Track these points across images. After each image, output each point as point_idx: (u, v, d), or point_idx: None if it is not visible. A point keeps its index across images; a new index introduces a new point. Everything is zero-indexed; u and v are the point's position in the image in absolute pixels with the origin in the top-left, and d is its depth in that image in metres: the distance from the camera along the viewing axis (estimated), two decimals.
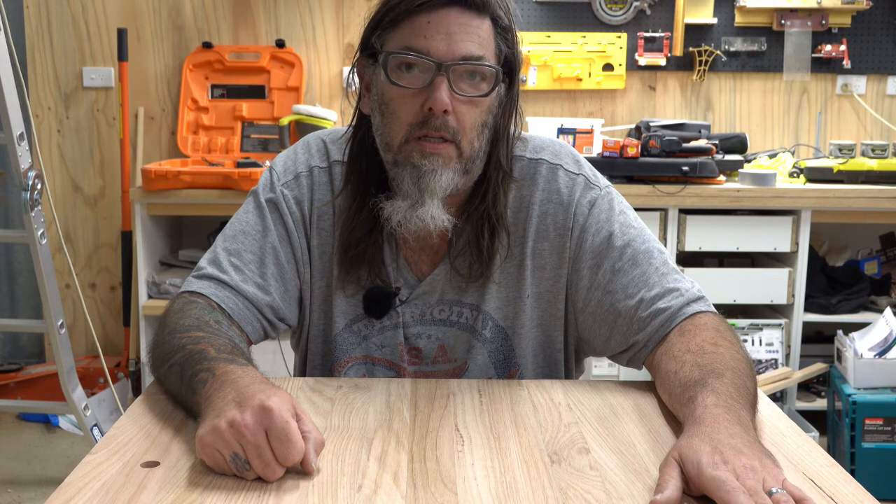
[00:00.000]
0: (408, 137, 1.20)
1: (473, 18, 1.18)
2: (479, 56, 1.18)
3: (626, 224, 1.29)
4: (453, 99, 1.18)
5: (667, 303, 1.22)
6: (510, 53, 1.22)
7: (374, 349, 1.33)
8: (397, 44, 1.19)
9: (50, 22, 3.51)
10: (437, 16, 1.17)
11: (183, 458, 0.97)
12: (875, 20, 3.52)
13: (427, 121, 1.18)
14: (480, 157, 1.24)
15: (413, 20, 1.18)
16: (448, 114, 1.17)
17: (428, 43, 1.17)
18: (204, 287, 1.25)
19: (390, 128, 1.21)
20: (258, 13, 3.54)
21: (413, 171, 1.20)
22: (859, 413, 2.81)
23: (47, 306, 2.51)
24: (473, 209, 1.27)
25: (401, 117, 1.20)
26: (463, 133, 1.19)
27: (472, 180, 1.26)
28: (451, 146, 1.19)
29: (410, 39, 1.18)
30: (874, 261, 3.41)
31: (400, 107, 1.20)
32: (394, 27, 1.20)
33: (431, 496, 0.89)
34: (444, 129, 1.18)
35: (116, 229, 3.56)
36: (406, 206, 1.21)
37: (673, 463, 0.89)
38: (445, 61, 1.17)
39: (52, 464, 3.01)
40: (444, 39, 1.17)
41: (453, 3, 1.17)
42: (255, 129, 3.51)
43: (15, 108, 2.40)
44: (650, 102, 3.61)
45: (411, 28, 1.18)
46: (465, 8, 1.18)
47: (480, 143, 1.22)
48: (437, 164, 1.19)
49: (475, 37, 1.18)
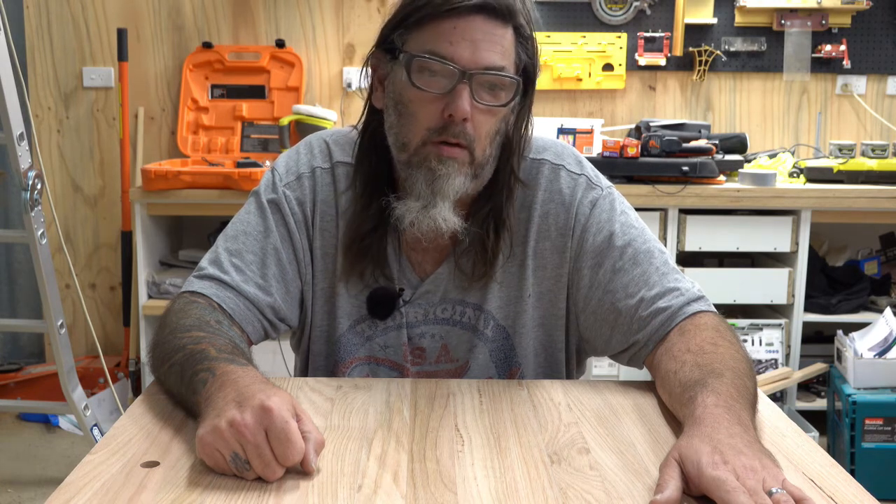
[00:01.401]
0: (425, 141, 1.20)
1: (498, 27, 1.18)
2: (501, 66, 1.18)
3: (627, 224, 1.29)
4: (473, 107, 1.18)
5: (667, 302, 1.22)
6: (529, 63, 1.22)
7: (378, 350, 1.33)
8: (421, 46, 1.18)
9: (50, 22, 3.51)
10: (464, 22, 1.16)
11: (183, 458, 0.97)
12: (875, 20, 3.52)
13: (446, 127, 1.18)
14: (490, 163, 1.24)
15: (439, 24, 1.17)
16: (467, 121, 1.18)
17: (453, 49, 1.16)
18: (205, 287, 1.25)
19: (408, 128, 1.21)
20: (258, 13, 3.54)
21: (428, 173, 1.20)
22: (859, 413, 2.81)
23: (47, 306, 2.51)
24: (480, 210, 1.27)
25: (420, 120, 1.20)
26: (478, 140, 1.20)
27: (482, 184, 1.26)
28: (466, 152, 1.20)
29: (435, 43, 1.17)
30: (874, 261, 3.41)
31: (419, 109, 1.19)
32: (418, 28, 1.19)
33: (431, 496, 0.89)
34: (463, 136, 1.18)
35: (116, 229, 3.56)
36: (418, 206, 1.22)
37: (673, 463, 0.90)
38: (469, 69, 1.16)
39: (52, 464, 3.01)
40: (469, 47, 1.16)
41: (480, 10, 1.17)
42: (255, 129, 3.51)
43: (15, 108, 2.40)
44: (650, 102, 3.61)
45: (437, 32, 1.17)
46: (491, 16, 1.17)
47: (492, 149, 1.23)
48: (452, 169, 1.19)
49: (499, 46, 1.18)
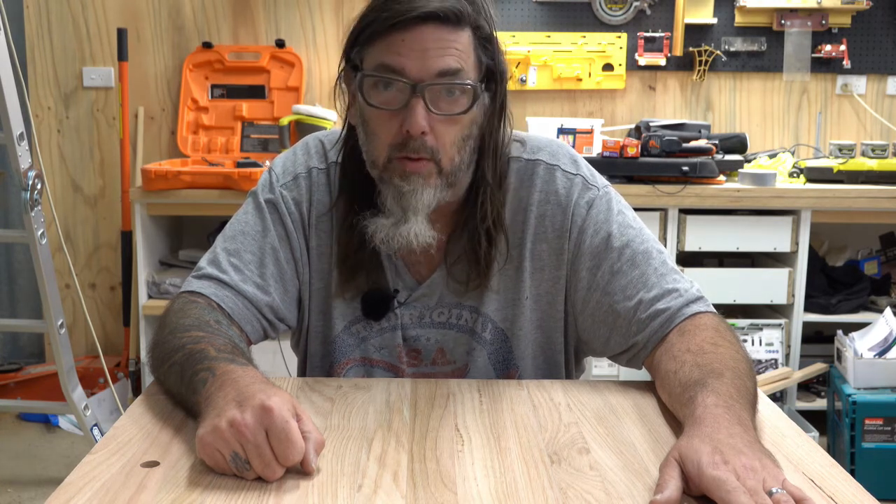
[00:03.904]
0: (390, 157, 1.18)
1: (450, 32, 1.15)
2: (456, 70, 1.15)
3: (625, 224, 1.29)
4: (431, 118, 1.16)
5: (666, 304, 1.22)
6: (492, 63, 1.20)
7: (373, 351, 1.33)
8: (372, 62, 1.17)
9: (50, 22, 3.51)
10: (412, 33, 1.14)
11: (183, 457, 0.97)
12: (875, 20, 3.52)
13: (406, 142, 1.16)
14: (465, 170, 1.22)
15: (388, 38, 1.15)
16: (426, 134, 1.16)
17: (402, 61, 1.14)
18: (204, 287, 1.25)
19: (373, 146, 1.20)
20: (258, 13, 3.54)
21: (394, 190, 1.19)
22: (859, 413, 2.81)
23: (47, 306, 2.51)
24: (467, 218, 1.26)
25: (381, 137, 1.18)
26: (443, 150, 1.18)
27: (462, 191, 1.25)
28: (431, 163, 1.18)
29: (385, 57, 1.15)
30: (874, 261, 3.41)
31: (379, 127, 1.18)
32: (370, 44, 1.17)
33: (431, 496, 0.89)
34: (423, 150, 1.16)
35: (116, 229, 3.56)
36: (389, 223, 1.21)
37: (673, 463, 0.89)
38: (421, 81, 1.14)
39: (52, 464, 3.01)
40: (418, 57, 1.14)
41: (429, 19, 1.14)
42: (255, 129, 3.51)
43: (15, 108, 2.40)
44: (650, 102, 3.61)
45: (386, 46, 1.15)
46: (441, 23, 1.14)
47: (462, 156, 1.20)
48: (418, 184, 1.18)
49: (452, 51, 1.15)
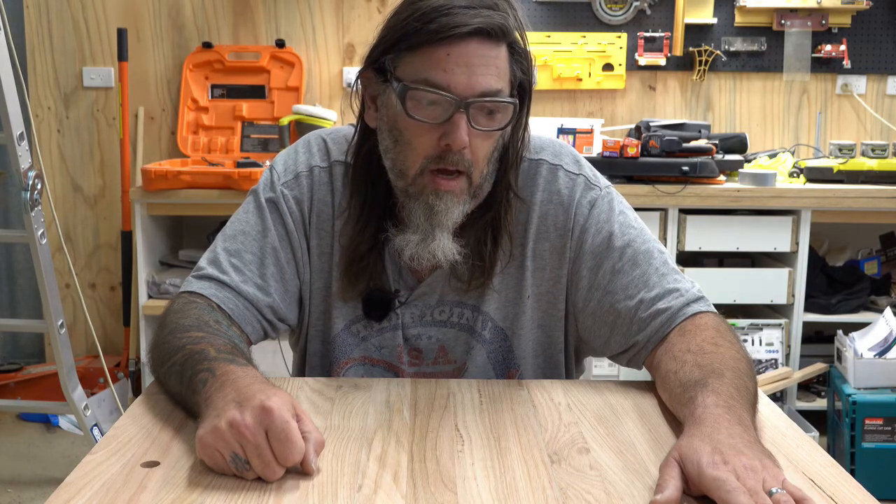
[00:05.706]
0: (423, 169, 1.18)
1: (492, 48, 1.15)
2: (497, 90, 1.15)
3: (626, 224, 1.29)
4: (470, 134, 1.16)
5: (667, 303, 1.22)
6: (524, 78, 1.20)
7: (373, 350, 1.33)
8: (415, 73, 1.15)
9: (50, 22, 3.50)
10: (458, 48, 1.13)
11: (183, 458, 0.97)
12: (875, 20, 3.52)
13: (444, 155, 1.16)
14: (488, 181, 1.23)
15: (432, 51, 1.14)
16: (465, 149, 1.16)
17: (448, 77, 1.13)
18: (204, 287, 1.25)
19: (404, 156, 1.19)
20: (258, 13, 3.54)
21: (426, 208, 1.19)
22: (859, 413, 2.81)
23: (47, 306, 2.51)
24: (477, 220, 1.26)
25: (416, 149, 1.18)
26: (476, 164, 1.18)
27: (481, 200, 1.25)
28: (464, 178, 1.18)
29: (430, 71, 1.14)
30: (874, 261, 3.41)
31: (415, 138, 1.17)
32: (410, 53, 1.16)
33: (431, 496, 0.89)
34: (461, 163, 1.17)
35: (116, 229, 3.56)
36: (417, 239, 1.21)
37: (673, 463, 0.90)
38: (465, 98, 1.14)
39: (52, 464, 3.01)
40: (464, 73, 1.13)
41: (474, 35, 1.13)
42: (255, 129, 3.51)
43: (15, 108, 2.40)
44: (650, 102, 3.61)
45: (430, 59, 1.14)
46: (486, 38, 1.14)
47: (489, 168, 1.22)
48: (451, 203, 1.18)
49: (493, 69, 1.15)
